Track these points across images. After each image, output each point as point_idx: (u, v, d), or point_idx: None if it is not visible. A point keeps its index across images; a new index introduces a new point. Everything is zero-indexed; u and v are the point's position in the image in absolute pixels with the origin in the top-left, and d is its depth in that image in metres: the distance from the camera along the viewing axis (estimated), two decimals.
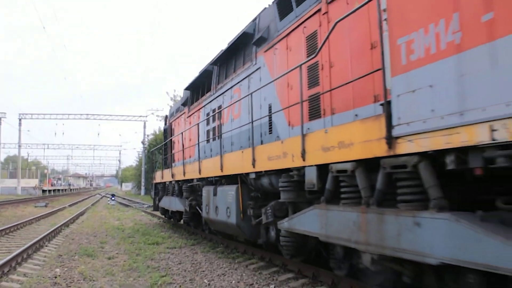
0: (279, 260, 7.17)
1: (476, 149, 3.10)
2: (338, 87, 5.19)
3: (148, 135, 52.21)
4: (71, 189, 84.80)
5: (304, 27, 6.36)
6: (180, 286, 6.29)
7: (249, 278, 6.60)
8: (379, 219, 3.97)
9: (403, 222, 3.69)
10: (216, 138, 9.68)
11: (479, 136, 3.01)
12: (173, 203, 12.27)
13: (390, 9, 3.94)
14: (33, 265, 8.10)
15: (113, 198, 33.39)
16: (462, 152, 3.25)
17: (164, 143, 15.43)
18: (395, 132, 3.76)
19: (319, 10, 5.98)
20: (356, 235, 4.28)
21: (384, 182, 4.02)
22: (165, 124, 15.91)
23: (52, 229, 12.74)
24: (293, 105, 6.24)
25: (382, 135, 3.89)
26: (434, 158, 3.50)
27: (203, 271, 7.32)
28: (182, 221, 12.35)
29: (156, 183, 15.55)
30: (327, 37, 4.94)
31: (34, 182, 69.03)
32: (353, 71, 5.24)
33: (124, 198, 44.10)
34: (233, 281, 6.47)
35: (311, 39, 6.18)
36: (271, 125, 7.26)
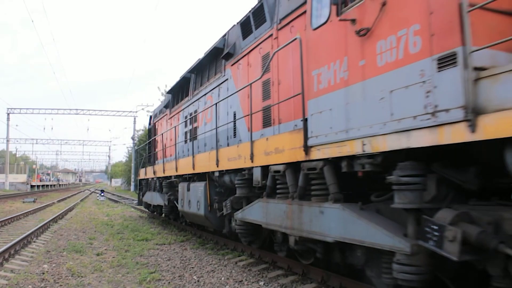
0: (268, 257, 7.29)
1: (356, 157, 4.33)
2: (282, 101, 6.40)
3: (138, 131, 52.61)
4: (60, 185, 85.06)
5: (260, 48, 7.55)
6: (169, 282, 6.33)
7: (239, 275, 6.62)
8: (299, 209, 5.20)
9: (313, 211, 4.92)
10: (192, 139, 10.86)
11: (356, 148, 4.24)
12: (155, 198, 13.48)
13: (309, 47, 5.15)
14: (20, 261, 8.09)
15: (102, 194, 33.69)
16: (350, 159, 4.47)
17: (148, 142, 16.64)
18: (309, 142, 4.98)
19: (271, 35, 7.17)
20: (285, 222, 5.51)
21: (303, 180, 5.25)
22: (150, 124, 17.09)
23: (40, 225, 12.75)
24: (247, 115, 7.43)
25: (301, 144, 5.11)
26: (335, 163, 4.73)
27: (192, 267, 7.36)
28: (163, 215, 13.54)
29: (141, 179, 16.75)
30: (268, 65, 6.16)
31: (22, 177, 69.00)
32: (294, 88, 6.43)
33: (114, 194, 43.92)
34: (223, 278, 6.50)
35: (266, 58, 7.37)
36: (235, 129, 8.45)
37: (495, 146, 2.99)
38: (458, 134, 3.18)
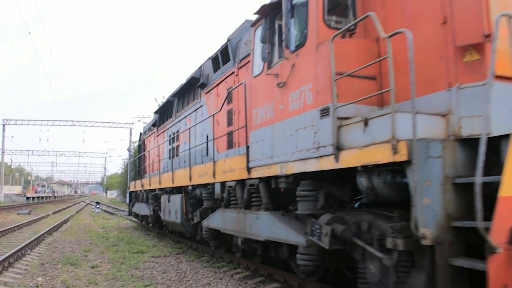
0: (264, 270, 7.44)
1: (278, 177, 5.90)
2: (239, 129, 7.99)
3: (134, 142, 53.12)
4: (55, 196, 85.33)
5: (226, 82, 9.16)
6: None
7: None
8: (243, 216, 6.77)
9: (252, 217, 6.48)
10: (175, 156, 12.44)
11: (277, 170, 5.81)
12: (142, 209, 15.05)
13: (251, 89, 6.77)
14: (14, 274, 8.15)
15: (97, 206, 34.26)
16: (276, 178, 6.05)
17: (137, 157, 18.27)
18: (250, 165, 6.56)
19: (233, 72, 8.78)
20: (235, 227, 7.07)
21: (247, 194, 6.83)
22: (140, 140, 18.74)
23: (35, 237, 12.96)
24: (215, 138, 9.03)
25: (245, 166, 6.69)
26: (267, 181, 6.30)
27: (188, 280, 7.51)
28: (150, 224, 15.07)
29: (131, 192, 18.38)
30: (225, 99, 7.78)
31: (17, 189, 69.08)
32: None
33: (109, 206, 44.25)
34: None
35: (229, 91, 8.98)
36: (207, 150, 10.04)
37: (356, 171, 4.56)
38: (330, 163, 4.75)
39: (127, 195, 47.24)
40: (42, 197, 72.29)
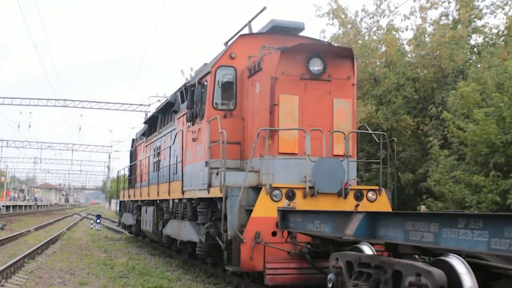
0: None
1: (194, 199, 14.92)
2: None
3: None
4: (38, 206, 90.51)
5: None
6: None
7: None
8: (180, 225, 15.88)
9: (183, 225, 15.57)
10: (154, 171, 21.63)
11: (192, 194, 14.84)
12: (129, 219, 24.65)
13: (186, 136, 15.82)
14: None
15: (98, 221, 37.73)
16: (192, 200, 15.06)
17: (129, 165, 27.92)
18: (183, 189, 15.62)
19: None
20: (177, 232, 16.21)
21: (182, 208, 15.92)
22: (132, 147, 28.25)
23: (11, 262, 14.31)
24: (176, 163, 18.10)
25: (181, 189, 15.76)
26: (190, 200, 15.31)
27: None
28: (137, 236, 24.60)
29: (121, 201, 28.16)
30: (174, 141, 16.91)
31: None
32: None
33: (114, 221, 46.49)
34: None
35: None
36: (176, 169, 19.09)
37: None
38: (206, 194, 13.64)
39: (117, 204, 55.62)
40: (20, 207, 76.50)
